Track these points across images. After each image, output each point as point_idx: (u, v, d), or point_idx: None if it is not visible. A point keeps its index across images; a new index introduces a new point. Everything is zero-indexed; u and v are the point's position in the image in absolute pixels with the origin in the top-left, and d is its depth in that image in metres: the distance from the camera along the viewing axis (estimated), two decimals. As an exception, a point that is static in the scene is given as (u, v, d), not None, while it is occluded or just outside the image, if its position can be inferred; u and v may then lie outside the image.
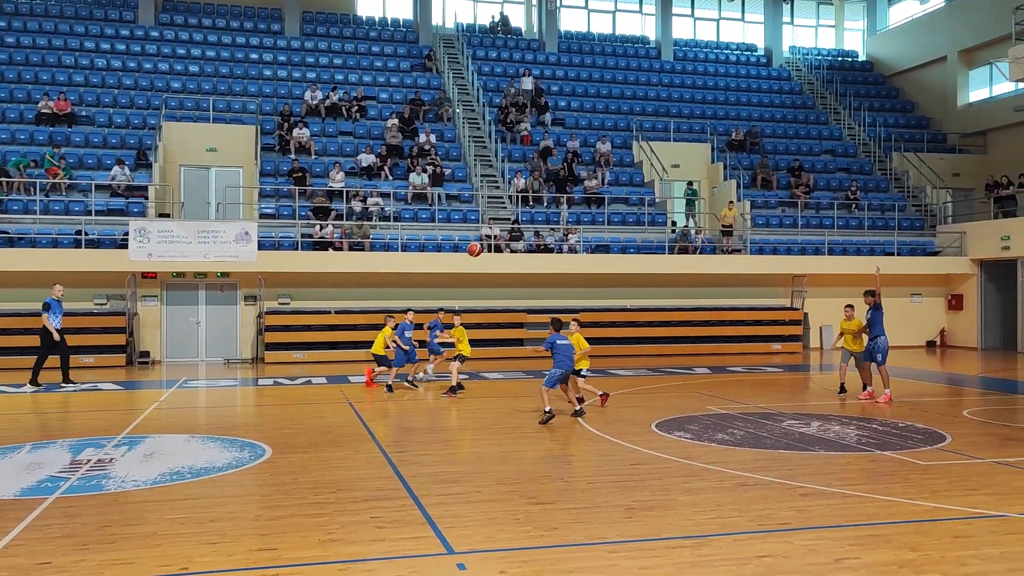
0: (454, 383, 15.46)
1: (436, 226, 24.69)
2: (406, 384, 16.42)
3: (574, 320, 13.80)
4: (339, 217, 23.85)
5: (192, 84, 27.95)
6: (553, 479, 8.73)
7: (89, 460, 9.65)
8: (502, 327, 23.68)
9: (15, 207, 22.09)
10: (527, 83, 30.43)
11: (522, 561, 6.10)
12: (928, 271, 27.29)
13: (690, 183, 28.27)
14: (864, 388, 14.82)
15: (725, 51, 38.03)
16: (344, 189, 24.37)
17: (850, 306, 15.44)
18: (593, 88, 32.80)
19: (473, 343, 16.68)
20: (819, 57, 38.11)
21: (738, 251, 26.38)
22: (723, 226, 26.33)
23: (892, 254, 27.07)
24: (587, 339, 13.41)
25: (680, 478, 8.75)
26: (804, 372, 20.75)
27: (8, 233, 21.34)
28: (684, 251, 25.58)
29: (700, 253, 25.83)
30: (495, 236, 23.92)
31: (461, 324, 16.33)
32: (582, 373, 13.32)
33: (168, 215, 23.34)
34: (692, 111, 32.41)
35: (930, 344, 27.71)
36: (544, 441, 10.90)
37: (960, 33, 32.86)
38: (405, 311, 17.29)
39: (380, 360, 16.52)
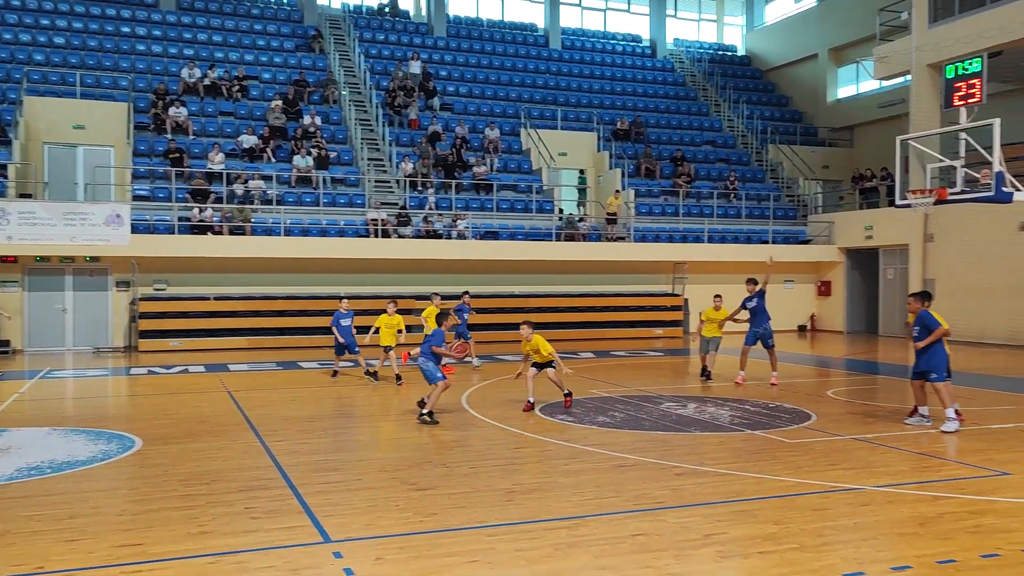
0: (396, 371, 15.03)
1: (321, 210, 24.19)
2: (366, 377, 15.52)
3: (525, 323, 12.29)
4: (219, 200, 23.03)
5: (57, 57, 26.35)
6: (435, 465, 8.71)
7: (-63, 456, 9.00)
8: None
9: None
10: (415, 67, 30.14)
11: (400, 547, 6.07)
12: (800, 259, 28.63)
13: (582, 171, 28.70)
14: (740, 373, 15.05)
15: (611, 41, 38.71)
16: (224, 171, 23.54)
17: (719, 296, 15.66)
18: (482, 74, 32.78)
19: (359, 330, 16.33)
20: (701, 50, 39.29)
21: (622, 239, 26.96)
22: (608, 214, 26.85)
23: (767, 242, 28.24)
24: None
25: (561, 460, 8.89)
26: (684, 356, 21.42)
27: None
28: (571, 238, 25.95)
29: (586, 240, 26.26)
30: (382, 221, 23.63)
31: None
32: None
33: (30, 196, 21.98)
34: (579, 100, 32.85)
35: (801, 328, 29.11)
36: (428, 428, 10.86)
37: (830, 32, 34.49)
38: (340, 298, 16.46)
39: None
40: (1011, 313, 23.10)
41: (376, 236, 23.43)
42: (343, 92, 28.91)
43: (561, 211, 27.32)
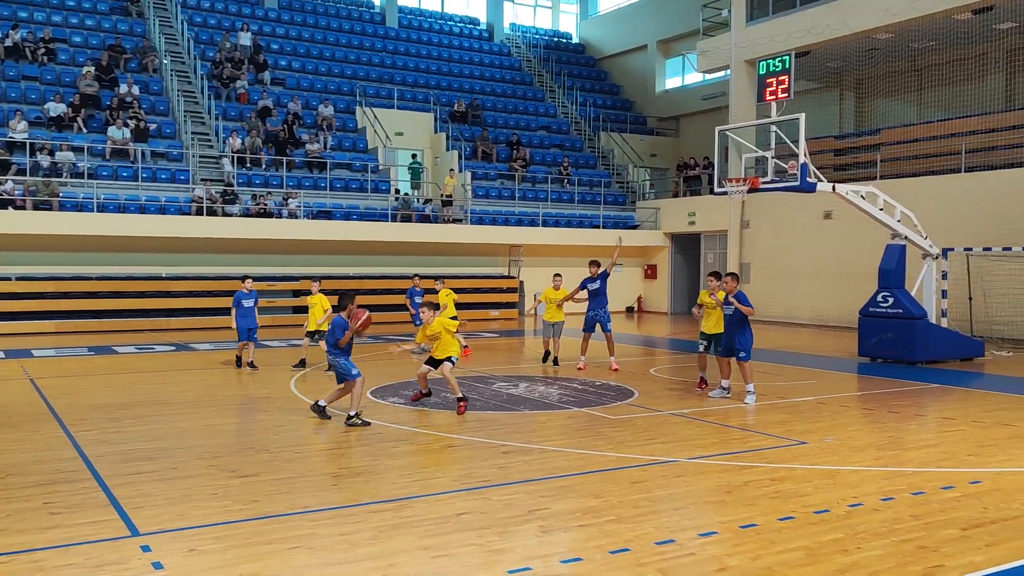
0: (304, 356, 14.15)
1: (140, 185, 22.77)
2: (247, 367, 14.12)
3: (426, 305, 10.89)
4: (21, 172, 21.18)
5: None
6: (258, 451, 8.41)
7: None
8: (215, 295, 22.39)
9: None
10: (245, 39, 28.87)
11: (215, 537, 5.81)
12: (629, 243, 29.72)
13: (414, 155, 28.47)
14: (581, 358, 14.68)
15: (449, 23, 38.61)
16: (28, 140, 21.66)
17: (559, 275, 15.30)
18: (316, 49, 31.86)
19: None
20: (537, 36, 39.92)
21: (459, 221, 27.04)
22: (444, 196, 26.85)
23: (598, 227, 29.17)
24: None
25: (389, 443, 8.81)
26: (519, 337, 21.81)
27: None
28: (407, 219, 25.76)
29: (423, 222, 26.15)
30: (209, 198, 22.53)
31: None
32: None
33: None
34: (416, 80, 32.59)
35: (629, 310, 30.33)
36: (252, 413, 10.49)
37: (659, 24, 35.93)
38: (243, 278, 14.52)
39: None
40: (814, 295, 25.03)
41: (201, 214, 22.31)
42: (164, 61, 27.27)
43: (397, 191, 27.06)
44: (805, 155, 14.27)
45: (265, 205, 23.49)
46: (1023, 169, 20.72)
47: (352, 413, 9.58)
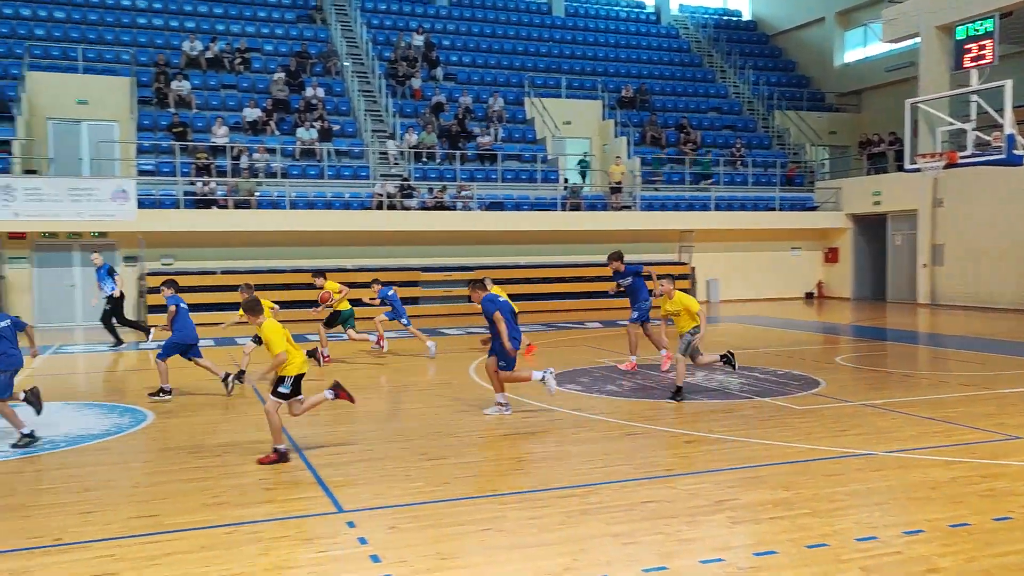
0: (244, 367, 12.38)
1: (325, 183, 24.12)
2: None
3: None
4: (223, 174, 22.98)
5: (58, 31, 26.17)
6: (444, 435, 8.74)
7: (-49, 432, 9.06)
8: (395, 285, 23.32)
9: None
10: (418, 40, 29.86)
11: (412, 516, 6.10)
12: (806, 225, 28.49)
13: (585, 153, 28.49)
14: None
15: (615, 8, 38.27)
16: (228, 144, 23.46)
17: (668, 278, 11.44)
18: (485, 43, 32.49)
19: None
20: (706, 16, 38.86)
21: (628, 208, 26.84)
22: (612, 183, 26.72)
23: (774, 209, 28.09)
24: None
25: (571, 429, 8.91)
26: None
27: None
28: (576, 208, 25.85)
29: (591, 210, 26.16)
30: (387, 193, 23.56)
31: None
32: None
33: (35, 172, 21.95)
34: (583, 68, 32.55)
35: (808, 296, 29.04)
36: (435, 398, 10.90)
37: (838, -5, 34.03)
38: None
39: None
40: (1020, 277, 22.98)
41: (381, 208, 23.37)
42: (345, 63, 28.70)
43: (566, 181, 27.18)
44: (1012, 125, 13.12)
45: (441, 198, 24.28)
46: None
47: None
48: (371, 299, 15.81)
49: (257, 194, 22.66)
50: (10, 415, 8.34)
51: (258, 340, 12.01)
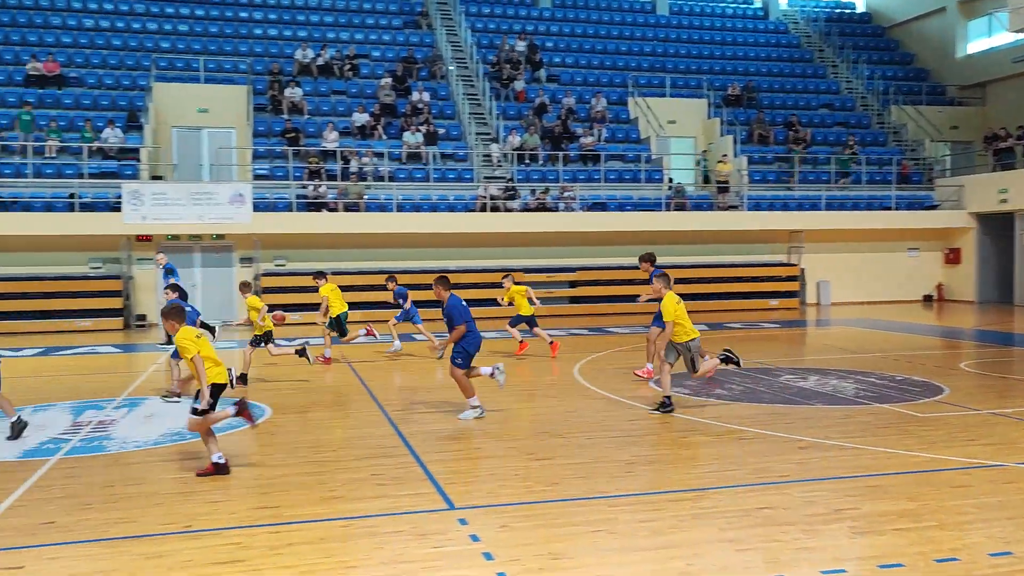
0: (245, 370, 12.42)
1: (431, 185, 24.54)
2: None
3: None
4: (333, 178, 23.68)
5: (182, 44, 27.52)
6: (551, 435, 8.75)
7: (90, 422, 9.67)
8: (498, 287, 23.57)
9: (7, 171, 21.86)
10: (520, 45, 30.01)
11: (523, 516, 6.14)
12: (925, 225, 27.23)
13: (704, 151, 28.06)
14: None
15: (721, 4, 37.51)
16: (338, 149, 24.16)
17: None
18: (588, 44, 32.41)
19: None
20: (816, 9, 37.64)
21: (735, 207, 26.28)
22: (719, 182, 26.21)
23: (889, 208, 26.99)
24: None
25: (678, 433, 8.79)
26: (801, 327, 20.79)
27: (2, 197, 21.15)
28: (681, 208, 25.47)
29: (696, 210, 25.73)
30: (490, 195, 23.79)
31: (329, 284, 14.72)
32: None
33: (161, 177, 23.14)
34: (688, 66, 32.05)
35: (927, 298, 27.75)
36: (541, 398, 10.93)
37: (960, -17, 32.42)
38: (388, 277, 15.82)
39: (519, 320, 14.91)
40: None
41: (485, 210, 23.61)
42: (450, 67, 29.13)
43: (671, 180, 26.82)
44: None
45: (544, 199, 24.35)
46: None
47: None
48: (505, 300, 15.42)
49: (365, 197, 23.25)
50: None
51: (255, 343, 12.48)
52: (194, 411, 7.30)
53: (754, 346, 16.36)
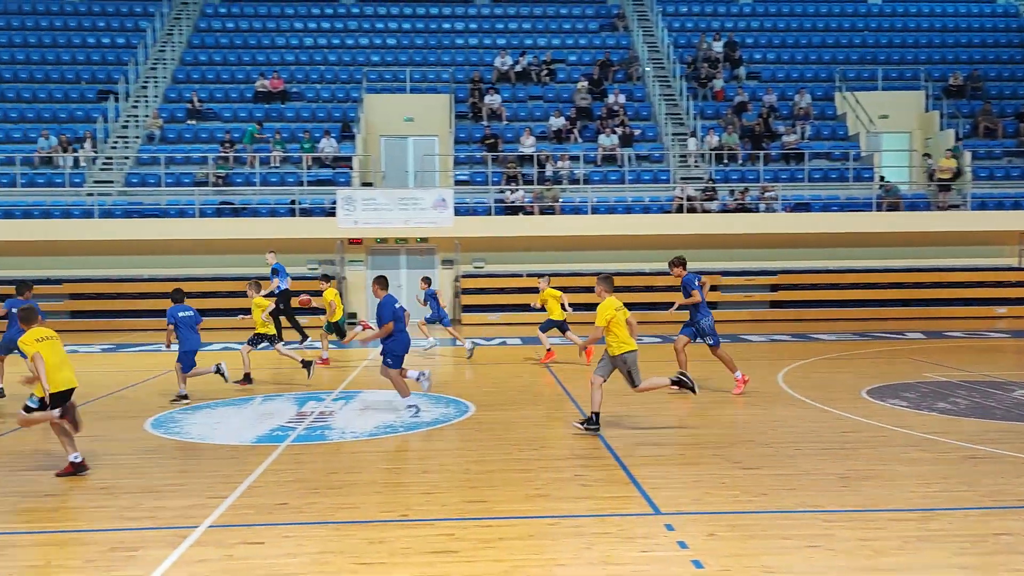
0: (247, 369, 12.55)
1: (626, 187, 24.46)
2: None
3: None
4: (529, 182, 24.15)
5: (390, 57, 29.10)
6: (757, 444, 8.46)
7: (312, 412, 10.42)
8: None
9: (238, 179, 24.03)
10: (716, 47, 29.25)
11: (731, 525, 5.98)
12: None
13: (926, 141, 26.23)
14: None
15: (941, -11, 34.78)
16: (535, 154, 24.62)
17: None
18: (791, 38, 31.08)
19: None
20: (1054, -12, 34.04)
21: (956, 206, 24.28)
22: (940, 179, 24.29)
23: None
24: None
25: (898, 448, 8.23)
26: (1035, 338, 18.88)
27: (232, 204, 23.28)
28: (893, 208, 23.86)
29: (912, 210, 24.01)
30: (687, 196, 23.36)
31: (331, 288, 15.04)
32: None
33: (371, 184, 24.56)
34: (903, 56, 29.99)
35: None
36: (745, 406, 10.60)
37: None
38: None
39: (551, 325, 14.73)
40: None
41: (681, 211, 23.22)
42: (646, 68, 28.90)
43: (882, 179, 25.18)
44: None
45: (743, 200, 23.61)
46: None
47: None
48: (539, 303, 15.27)
49: (560, 200, 23.53)
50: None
51: (252, 342, 12.67)
52: (26, 408, 7.41)
53: (980, 357, 15.05)
